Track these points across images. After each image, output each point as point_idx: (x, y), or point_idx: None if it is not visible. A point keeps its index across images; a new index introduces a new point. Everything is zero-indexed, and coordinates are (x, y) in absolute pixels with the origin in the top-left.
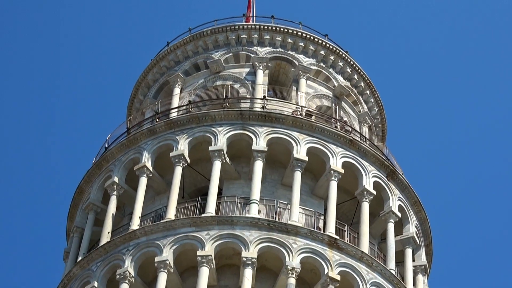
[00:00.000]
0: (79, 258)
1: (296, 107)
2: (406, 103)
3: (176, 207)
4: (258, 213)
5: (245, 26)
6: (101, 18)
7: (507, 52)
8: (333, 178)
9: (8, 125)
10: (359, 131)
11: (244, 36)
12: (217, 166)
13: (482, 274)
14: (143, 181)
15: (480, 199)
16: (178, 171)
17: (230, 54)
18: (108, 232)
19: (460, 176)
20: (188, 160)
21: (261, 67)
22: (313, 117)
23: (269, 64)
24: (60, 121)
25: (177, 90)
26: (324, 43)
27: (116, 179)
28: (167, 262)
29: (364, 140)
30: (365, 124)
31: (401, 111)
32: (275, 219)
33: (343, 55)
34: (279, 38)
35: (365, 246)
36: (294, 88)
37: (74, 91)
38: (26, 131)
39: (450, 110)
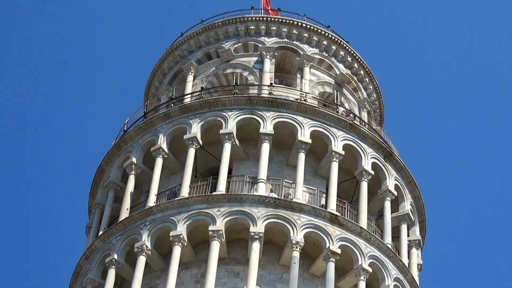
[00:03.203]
0: (100, 233)
1: (301, 94)
2: (403, 90)
3: (190, 186)
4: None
5: (254, 18)
6: (122, 12)
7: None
8: (334, 159)
9: (39, 110)
10: (359, 116)
11: (252, 27)
12: (227, 148)
13: (471, 248)
14: (159, 162)
15: (470, 179)
16: (191, 152)
17: (240, 44)
18: (127, 209)
19: (452, 157)
20: (201, 142)
21: (268, 56)
22: (317, 102)
23: (275, 53)
24: (83, 106)
25: (190, 77)
26: (326, 34)
27: (134, 160)
28: (181, 236)
29: (363, 124)
30: (364, 109)
31: (398, 97)
32: (281, 197)
33: (344, 45)
34: (285, 29)
35: (363, 222)
36: (298, 75)
37: (97, 79)
38: (54, 116)
39: (444, 95)
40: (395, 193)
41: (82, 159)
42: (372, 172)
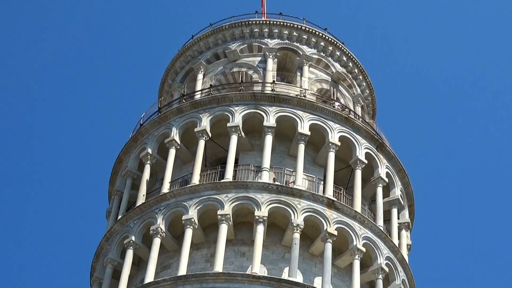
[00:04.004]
0: (119, 217)
1: (300, 90)
2: (394, 86)
3: (200, 174)
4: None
5: (258, 22)
6: (140, 17)
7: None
8: (331, 150)
9: (67, 107)
10: (353, 110)
11: (256, 30)
12: (234, 139)
13: (456, 230)
14: (172, 152)
15: (456, 166)
16: (201, 143)
17: (245, 45)
18: (143, 195)
19: (439, 147)
20: (210, 135)
21: (271, 56)
22: (315, 98)
23: (277, 54)
24: (104, 103)
25: (200, 76)
26: (323, 36)
27: (149, 151)
28: (193, 219)
29: (358, 117)
30: (358, 104)
31: (389, 93)
32: (283, 184)
33: (340, 46)
34: (286, 32)
35: (358, 206)
36: (298, 74)
37: (116, 78)
38: (79, 112)
39: (432, 91)
40: (386, 180)
41: (103, 150)
42: (366, 161)
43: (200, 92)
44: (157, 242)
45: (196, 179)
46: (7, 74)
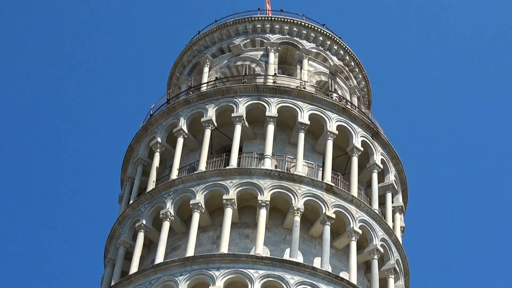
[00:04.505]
0: (131, 202)
1: (300, 82)
2: (389, 78)
3: (206, 161)
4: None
5: (260, 18)
6: (149, 15)
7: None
8: (329, 138)
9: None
10: (350, 101)
11: (259, 25)
12: (238, 128)
13: (447, 213)
14: (180, 141)
15: (446, 153)
16: (208, 133)
17: (248, 40)
18: (153, 181)
19: (431, 135)
20: (215, 124)
21: (272, 50)
22: (314, 89)
23: (278, 48)
24: (116, 95)
25: (206, 69)
26: (322, 31)
27: (159, 139)
28: (200, 204)
29: (354, 108)
30: (354, 95)
31: (384, 84)
32: (284, 170)
33: (337, 40)
34: (287, 27)
35: (354, 191)
36: (298, 67)
37: (128, 72)
38: (93, 104)
39: (425, 81)
40: (381, 166)
41: (115, 139)
42: (362, 149)
43: (206, 85)
44: (166, 225)
45: (202, 166)
46: (29, 63)
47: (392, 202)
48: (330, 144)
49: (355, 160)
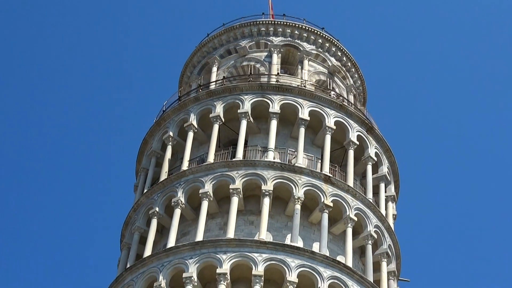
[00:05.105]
0: (145, 191)
1: (301, 81)
2: (383, 77)
3: (214, 154)
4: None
5: (264, 22)
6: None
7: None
8: (327, 132)
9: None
10: (346, 98)
11: (263, 29)
12: (243, 124)
13: (437, 202)
14: (190, 135)
15: (436, 146)
16: (216, 127)
17: (253, 42)
18: (166, 172)
19: (421, 129)
20: (223, 120)
21: (275, 52)
22: (314, 88)
23: (281, 49)
24: (134, 93)
25: (214, 69)
26: (321, 34)
27: (171, 133)
28: (208, 193)
29: (350, 105)
30: (351, 93)
31: (378, 83)
32: (286, 162)
33: (335, 43)
34: (289, 31)
35: (350, 181)
36: (299, 67)
37: (143, 71)
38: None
39: (417, 80)
40: (375, 159)
41: (131, 133)
42: (357, 142)
43: (214, 83)
44: (177, 212)
45: (211, 158)
46: (43, 59)
47: (385, 192)
48: (328, 138)
49: (351, 153)
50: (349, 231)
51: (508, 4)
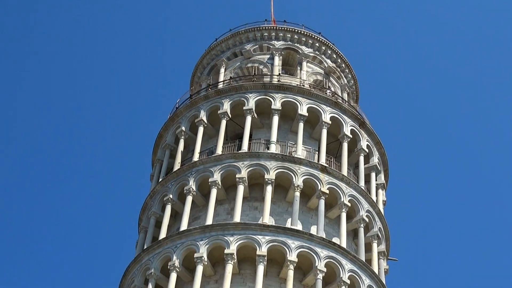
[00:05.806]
0: (160, 179)
1: (300, 81)
2: (374, 76)
3: (222, 146)
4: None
5: (267, 27)
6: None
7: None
8: (324, 127)
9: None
10: (341, 96)
11: (266, 34)
12: (248, 119)
13: (423, 188)
14: (200, 129)
15: (422, 138)
16: (223, 123)
17: (257, 45)
18: (179, 163)
19: (409, 123)
20: (230, 116)
21: (277, 54)
22: (312, 87)
23: (282, 52)
24: (151, 92)
25: (222, 70)
26: (318, 38)
27: (183, 128)
28: (217, 181)
29: (344, 102)
30: (345, 91)
31: (369, 82)
32: (286, 153)
33: (331, 46)
34: (289, 35)
35: (344, 171)
36: (299, 68)
37: (159, 73)
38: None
39: (407, 78)
40: (367, 150)
41: (148, 128)
42: (351, 136)
43: (222, 83)
44: (189, 199)
45: (219, 150)
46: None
47: (376, 180)
48: (324, 132)
49: (345, 145)
50: (343, 216)
51: (494, 2)
